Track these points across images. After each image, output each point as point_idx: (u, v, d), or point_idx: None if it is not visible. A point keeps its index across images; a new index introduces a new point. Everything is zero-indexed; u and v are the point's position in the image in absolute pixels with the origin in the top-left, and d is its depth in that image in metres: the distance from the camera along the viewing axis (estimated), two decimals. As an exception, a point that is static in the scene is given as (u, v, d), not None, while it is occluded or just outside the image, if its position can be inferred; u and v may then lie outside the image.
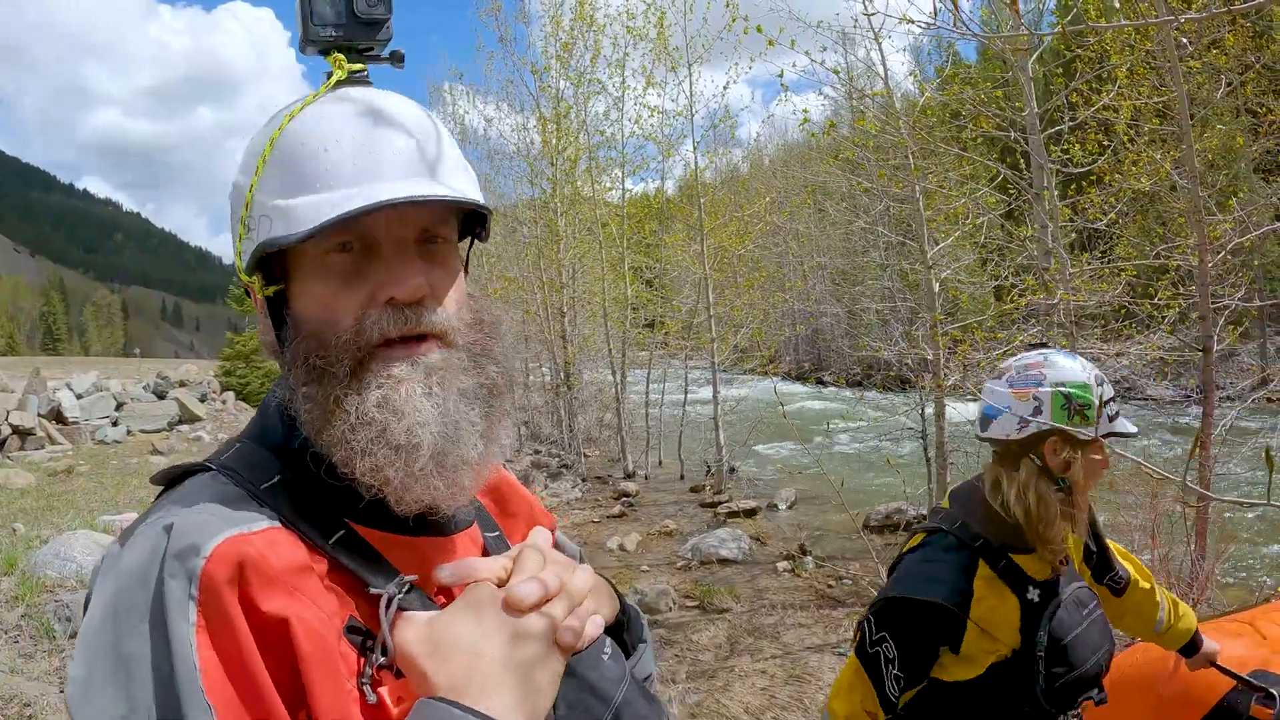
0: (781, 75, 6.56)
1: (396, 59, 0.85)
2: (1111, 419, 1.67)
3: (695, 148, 11.85)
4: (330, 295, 0.76)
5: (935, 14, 2.13)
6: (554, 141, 12.95)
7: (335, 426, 0.73)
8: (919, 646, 1.63)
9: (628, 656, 0.87)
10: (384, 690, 0.69)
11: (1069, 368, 1.68)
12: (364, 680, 0.68)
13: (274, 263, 0.78)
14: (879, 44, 7.50)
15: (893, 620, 1.65)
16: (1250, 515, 8.06)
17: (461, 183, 0.79)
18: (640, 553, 8.18)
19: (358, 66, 0.82)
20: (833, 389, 21.50)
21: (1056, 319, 6.47)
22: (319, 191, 0.73)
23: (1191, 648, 2.10)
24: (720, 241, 11.90)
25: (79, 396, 18.22)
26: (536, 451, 15.14)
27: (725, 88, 11.64)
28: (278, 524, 0.72)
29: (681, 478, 12.26)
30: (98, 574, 0.71)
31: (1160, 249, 7.24)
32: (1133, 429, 1.70)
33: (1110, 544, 2.01)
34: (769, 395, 10.15)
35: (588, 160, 13.39)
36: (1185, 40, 5.57)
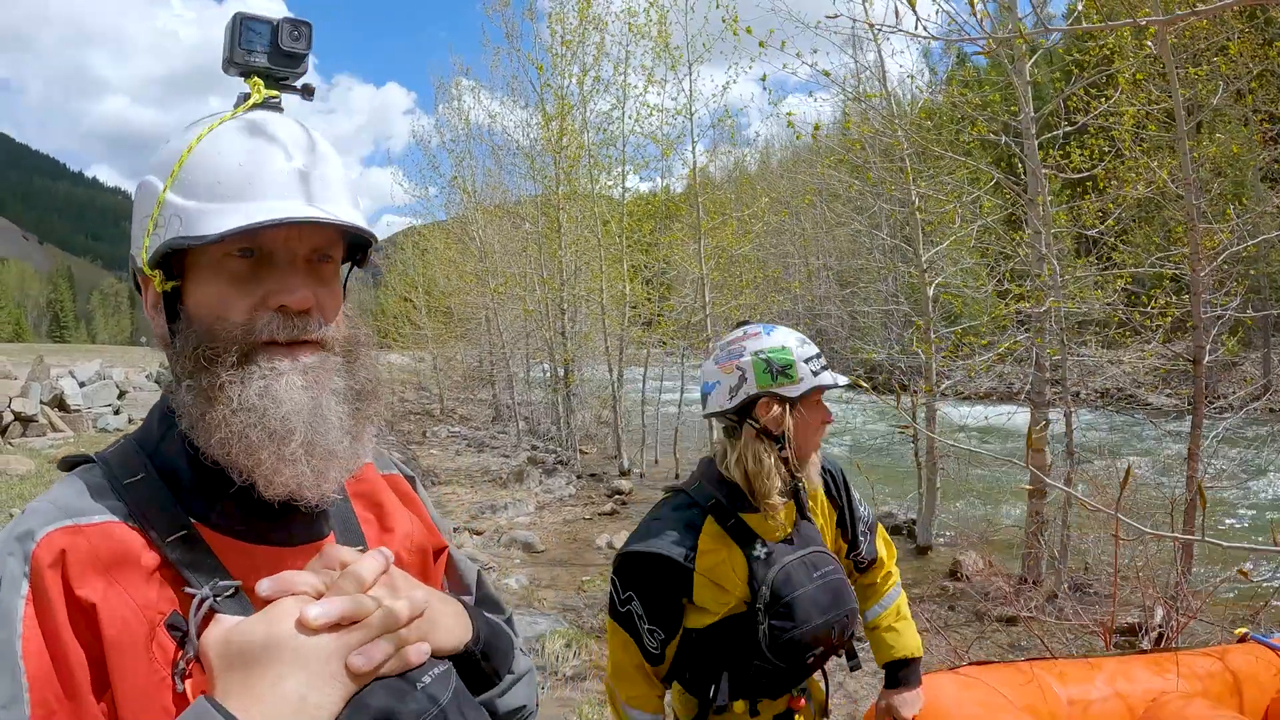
0: (765, 79, 6.57)
1: (307, 91, 0.92)
2: (815, 374, 1.78)
3: (694, 147, 11.86)
4: (225, 294, 0.83)
5: (899, 17, 2.11)
6: (557, 138, 12.96)
7: (218, 410, 0.80)
8: (658, 597, 1.77)
9: (487, 688, 0.90)
10: (190, 682, 0.75)
11: (767, 337, 1.80)
12: (176, 671, 0.74)
13: (173, 261, 0.84)
14: (878, 46, 7.51)
15: (629, 575, 1.79)
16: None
17: (355, 215, 0.86)
18: (630, 551, 8.18)
19: (273, 93, 0.89)
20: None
21: (1049, 325, 6.45)
22: (230, 200, 0.80)
23: (891, 678, 2.04)
24: (719, 241, 11.89)
25: (82, 384, 18.27)
26: (534, 447, 15.16)
27: (725, 88, 11.64)
28: (118, 519, 0.79)
29: (677, 476, 12.22)
30: None
31: (1155, 257, 7.20)
32: (831, 381, 1.79)
33: (879, 529, 2.10)
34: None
35: (589, 158, 13.40)
36: (1150, 44, 5.54)
